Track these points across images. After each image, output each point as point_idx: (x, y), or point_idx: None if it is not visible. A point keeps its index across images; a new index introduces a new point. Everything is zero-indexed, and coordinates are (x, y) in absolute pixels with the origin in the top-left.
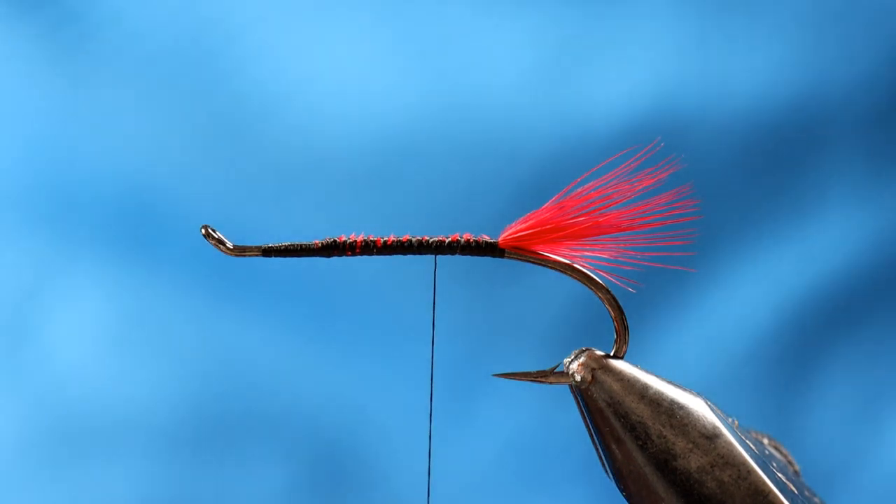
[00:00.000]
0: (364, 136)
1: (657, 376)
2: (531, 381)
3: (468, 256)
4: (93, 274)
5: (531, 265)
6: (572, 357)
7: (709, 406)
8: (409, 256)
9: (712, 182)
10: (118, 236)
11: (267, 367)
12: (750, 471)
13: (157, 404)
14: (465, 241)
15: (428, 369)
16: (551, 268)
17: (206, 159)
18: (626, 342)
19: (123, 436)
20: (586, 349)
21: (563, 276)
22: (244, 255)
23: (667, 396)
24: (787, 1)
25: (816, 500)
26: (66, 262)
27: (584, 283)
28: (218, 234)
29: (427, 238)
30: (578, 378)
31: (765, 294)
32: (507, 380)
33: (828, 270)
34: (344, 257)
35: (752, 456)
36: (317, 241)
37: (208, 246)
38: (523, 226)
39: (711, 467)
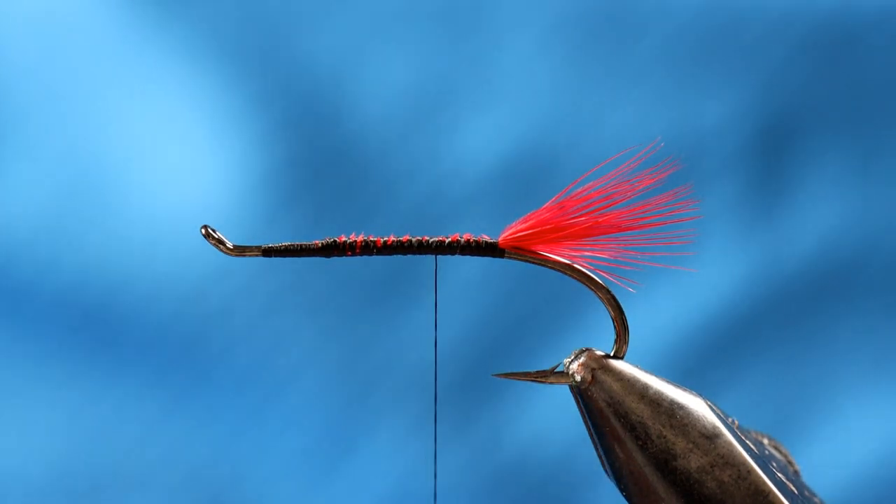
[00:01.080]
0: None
1: (657, 376)
2: (531, 381)
3: (467, 256)
4: None
5: (532, 265)
6: (572, 357)
7: (709, 406)
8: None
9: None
10: None
11: (140, 425)
12: (750, 471)
13: (26, 472)
14: (465, 241)
15: (299, 420)
16: (551, 268)
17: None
18: (626, 342)
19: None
20: (586, 349)
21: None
22: (244, 255)
23: (667, 396)
24: (654, 37)
25: (816, 500)
26: None
27: (584, 283)
28: (218, 234)
29: (427, 238)
30: (578, 378)
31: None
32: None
33: (714, 303)
34: (344, 258)
35: (752, 456)
36: (317, 242)
37: (75, 310)
38: (523, 226)
39: (711, 467)
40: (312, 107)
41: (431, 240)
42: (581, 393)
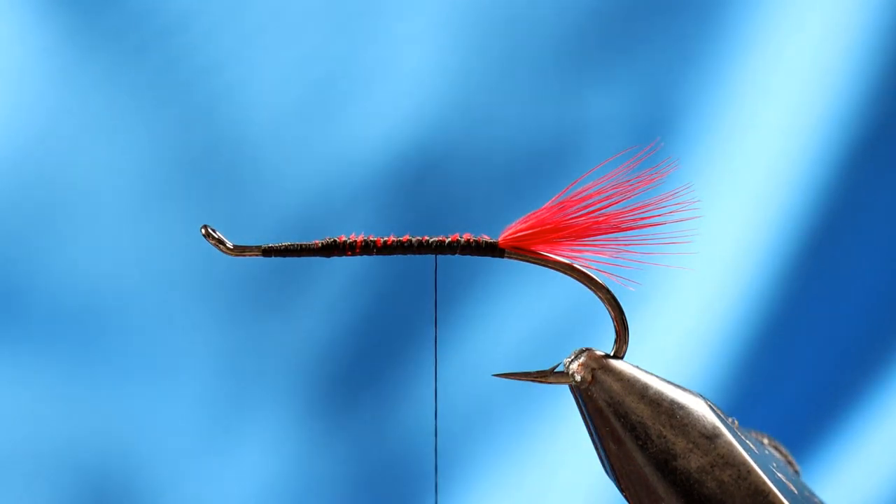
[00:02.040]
0: None
1: (657, 376)
2: (531, 381)
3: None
4: None
5: (532, 265)
6: (572, 357)
7: (709, 406)
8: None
9: (475, 207)
10: None
11: (27, 402)
12: (750, 471)
13: None
14: (465, 241)
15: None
16: (551, 268)
17: None
18: (626, 342)
19: None
20: (586, 349)
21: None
22: (244, 255)
23: (667, 396)
24: (536, 31)
25: (816, 500)
26: None
27: (584, 283)
28: (218, 234)
29: (427, 238)
30: (578, 378)
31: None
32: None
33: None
34: (344, 257)
35: (752, 456)
36: (317, 241)
37: None
38: (523, 226)
39: (711, 467)
40: (191, 94)
41: (431, 240)
42: (581, 393)
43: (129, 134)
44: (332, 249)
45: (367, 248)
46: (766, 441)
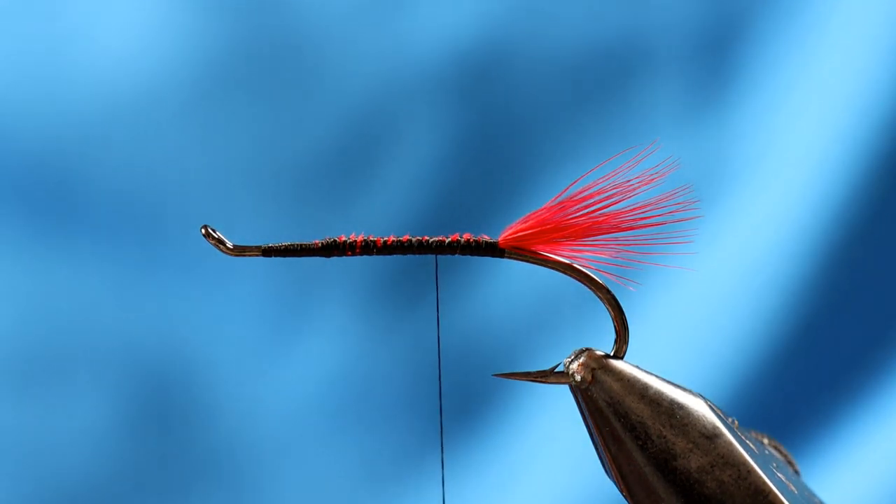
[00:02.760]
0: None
1: (657, 376)
2: (531, 380)
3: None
4: None
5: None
6: (572, 357)
7: (709, 406)
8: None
9: (539, 109)
10: None
11: (89, 301)
12: (750, 471)
13: None
14: (465, 241)
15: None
16: (551, 268)
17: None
18: (626, 342)
19: None
20: (586, 349)
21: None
22: (244, 255)
23: (667, 396)
24: None
25: (816, 500)
26: None
27: (584, 283)
28: (218, 234)
29: (427, 238)
30: (578, 378)
31: None
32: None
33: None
34: (344, 257)
35: (752, 456)
36: (317, 241)
37: (28, 183)
38: (523, 226)
39: (711, 467)
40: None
41: (431, 240)
42: (581, 393)
43: (189, 27)
44: (333, 249)
45: (367, 247)
46: (766, 441)
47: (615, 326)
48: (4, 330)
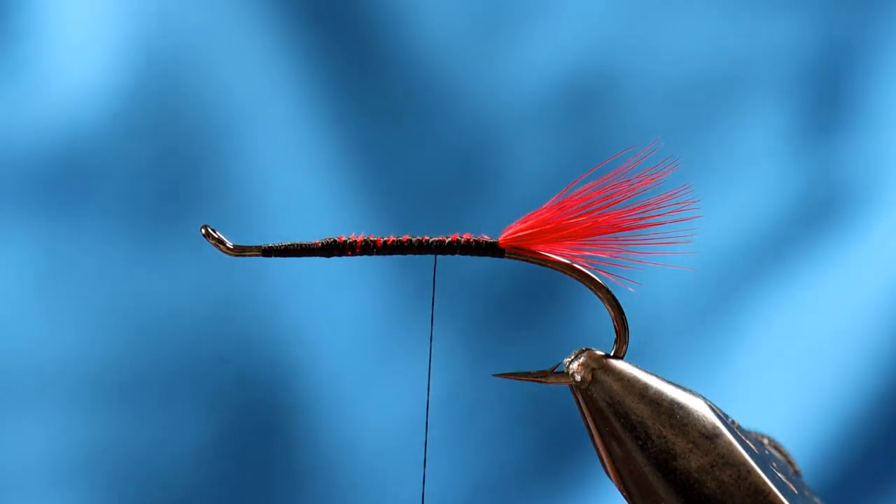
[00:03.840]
0: None
1: (657, 376)
2: (531, 381)
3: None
4: (17, 225)
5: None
6: (572, 357)
7: (709, 406)
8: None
9: (644, 136)
10: (44, 185)
11: (194, 316)
12: (750, 471)
13: (82, 356)
14: (465, 241)
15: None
16: (551, 268)
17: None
18: (625, 342)
19: (48, 388)
20: (586, 349)
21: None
22: (244, 255)
23: (667, 396)
24: None
25: (816, 500)
26: None
27: (584, 283)
28: (218, 234)
29: (427, 238)
30: (578, 378)
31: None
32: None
33: (754, 224)
34: (344, 257)
35: (752, 456)
36: (317, 241)
37: (131, 196)
38: (523, 225)
39: (711, 467)
40: (365, 21)
41: (431, 240)
42: (581, 393)
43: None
44: (333, 249)
45: (367, 247)
46: (766, 441)
47: (615, 326)
48: (105, 345)
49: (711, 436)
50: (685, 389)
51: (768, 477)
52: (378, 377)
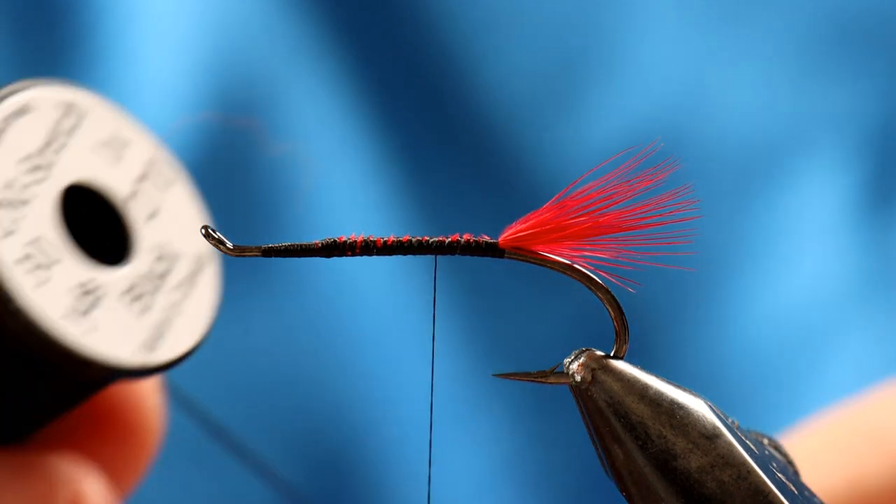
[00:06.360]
0: None
1: (657, 376)
2: (531, 381)
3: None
4: None
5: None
6: (572, 357)
7: (709, 406)
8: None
9: (706, 195)
10: None
11: (271, 371)
12: (750, 471)
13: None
14: (464, 242)
15: (427, 377)
16: (551, 268)
17: None
18: (626, 342)
19: None
20: (586, 349)
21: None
22: (244, 255)
23: (667, 396)
24: (787, 20)
25: (816, 500)
26: None
27: (584, 283)
28: (218, 235)
29: (427, 238)
30: (578, 378)
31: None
32: (513, 380)
33: (810, 295)
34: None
35: (752, 456)
36: (317, 242)
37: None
38: (523, 226)
39: (711, 467)
40: (438, 83)
41: (431, 240)
42: (581, 393)
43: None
44: (332, 249)
45: (367, 248)
46: (766, 441)
47: (615, 326)
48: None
49: (711, 436)
50: (685, 389)
51: (768, 477)
52: (448, 435)
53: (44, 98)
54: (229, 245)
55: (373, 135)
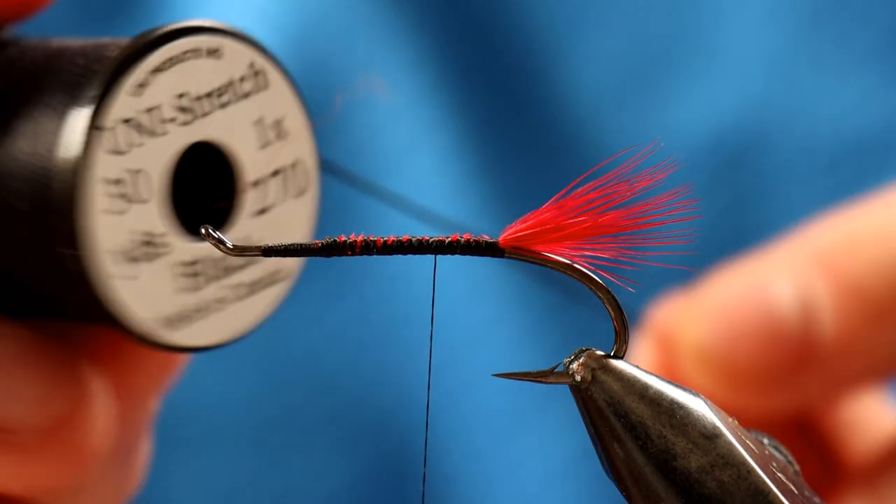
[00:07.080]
0: None
1: (657, 376)
2: (531, 380)
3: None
4: None
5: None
6: (572, 357)
7: (708, 406)
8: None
9: (785, 202)
10: None
11: (331, 360)
12: (750, 471)
13: (223, 398)
14: (465, 241)
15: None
16: (551, 268)
17: None
18: (626, 342)
19: (186, 431)
20: (586, 349)
21: None
22: (244, 255)
23: (667, 396)
24: (881, 21)
25: (816, 500)
26: None
27: (584, 283)
28: (217, 235)
29: (427, 238)
30: (578, 378)
31: None
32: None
33: None
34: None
35: (752, 456)
36: (317, 241)
37: None
38: (523, 225)
39: (711, 467)
40: (521, 70)
41: (431, 240)
42: (581, 393)
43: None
44: (332, 249)
45: (367, 247)
46: (766, 441)
47: (615, 326)
48: (245, 388)
49: (711, 436)
50: (685, 389)
51: (768, 477)
52: (513, 430)
53: (238, 52)
54: (229, 245)
55: (451, 120)
